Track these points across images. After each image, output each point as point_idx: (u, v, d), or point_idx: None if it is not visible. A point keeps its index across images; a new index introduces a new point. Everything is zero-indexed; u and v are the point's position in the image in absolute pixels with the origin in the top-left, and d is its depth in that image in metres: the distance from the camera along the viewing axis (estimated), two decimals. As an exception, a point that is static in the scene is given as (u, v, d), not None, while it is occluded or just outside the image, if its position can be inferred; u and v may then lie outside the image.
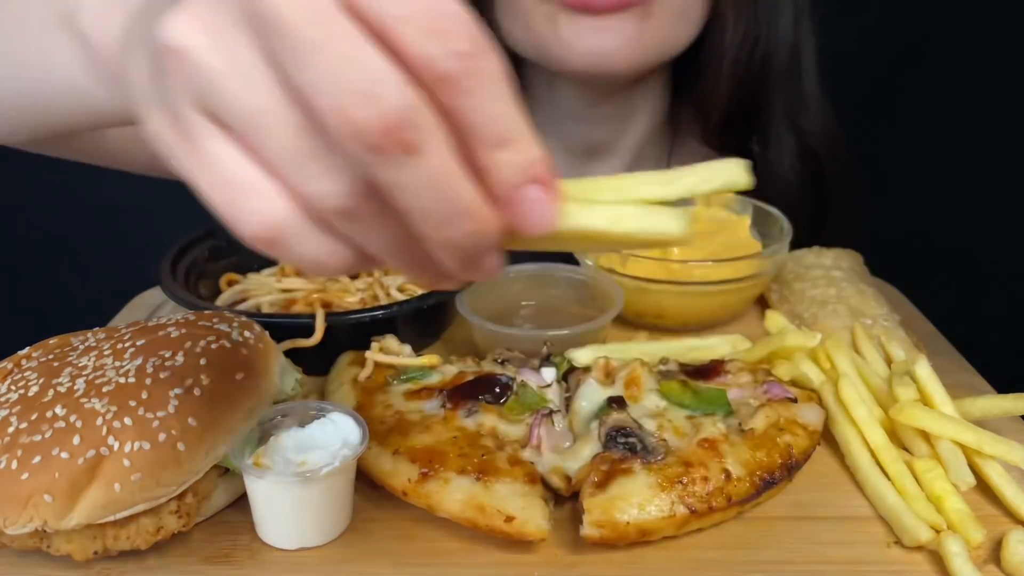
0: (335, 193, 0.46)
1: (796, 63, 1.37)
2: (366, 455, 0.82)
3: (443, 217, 0.46)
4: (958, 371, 1.05)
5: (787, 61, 1.36)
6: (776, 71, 1.36)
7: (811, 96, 1.40)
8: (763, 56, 1.34)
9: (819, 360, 0.99)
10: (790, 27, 1.34)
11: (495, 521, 0.76)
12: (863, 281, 1.20)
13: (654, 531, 0.76)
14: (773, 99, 1.39)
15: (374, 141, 0.43)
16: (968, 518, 0.78)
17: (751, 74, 1.34)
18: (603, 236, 0.54)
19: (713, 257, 1.14)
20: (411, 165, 0.44)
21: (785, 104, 1.39)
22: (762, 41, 1.33)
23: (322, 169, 0.46)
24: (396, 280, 1.13)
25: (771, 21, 1.33)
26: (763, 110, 1.40)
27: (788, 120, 1.41)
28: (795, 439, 0.84)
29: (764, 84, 1.36)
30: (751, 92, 1.37)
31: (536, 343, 0.98)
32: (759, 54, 1.34)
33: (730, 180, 0.62)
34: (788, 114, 1.40)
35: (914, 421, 0.85)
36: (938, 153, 1.95)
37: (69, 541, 0.74)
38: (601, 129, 1.43)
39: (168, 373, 0.77)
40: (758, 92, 1.37)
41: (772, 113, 1.40)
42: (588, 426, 0.85)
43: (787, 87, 1.38)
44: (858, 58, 1.82)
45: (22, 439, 0.73)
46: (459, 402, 0.87)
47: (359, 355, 0.98)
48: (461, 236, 0.47)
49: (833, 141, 1.45)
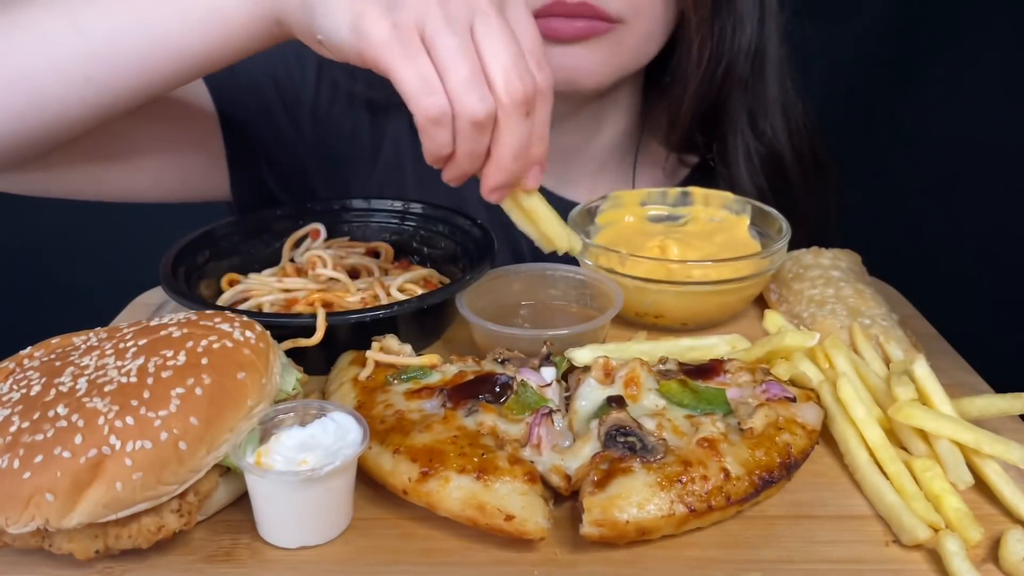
0: (479, 111, 0.86)
1: (759, 67, 1.38)
2: (366, 454, 0.83)
3: (513, 153, 0.90)
4: (956, 370, 1.06)
5: (748, 67, 1.36)
6: (736, 77, 1.36)
7: (772, 98, 1.40)
8: (726, 66, 1.35)
9: (818, 360, 0.99)
10: (753, 34, 1.34)
11: (495, 520, 0.76)
12: (861, 281, 1.20)
13: (653, 530, 0.77)
14: (732, 103, 1.39)
15: (517, 101, 0.87)
16: (966, 517, 0.78)
17: (714, 84, 1.36)
18: (535, 216, 1.02)
19: (712, 257, 1.14)
20: (521, 120, 0.88)
21: (745, 107, 1.40)
22: (725, 53, 1.34)
23: (478, 97, 0.85)
24: (396, 280, 1.13)
25: (735, 30, 1.33)
26: (722, 114, 1.41)
27: (748, 123, 1.41)
28: (794, 438, 0.84)
29: (724, 90, 1.37)
30: (712, 98, 1.38)
31: (536, 343, 0.99)
32: (723, 65, 1.34)
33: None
34: (748, 117, 1.41)
35: (912, 420, 0.85)
36: (937, 153, 1.95)
37: (71, 540, 0.74)
38: (573, 136, 1.44)
39: (170, 372, 0.77)
40: (719, 97, 1.38)
41: (730, 117, 1.41)
42: (588, 425, 0.86)
43: (747, 91, 1.39)
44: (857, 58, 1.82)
45: (24, 438, 0.73)
46: (459, 401, 0.87)
47: (360, 355, 0.98)
48: (511, 166, 0.91)
49: (801, 142, 1.44)
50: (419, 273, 1.17)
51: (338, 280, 1.13)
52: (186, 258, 1.14)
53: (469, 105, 0.85)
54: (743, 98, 1.39)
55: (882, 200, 1.95)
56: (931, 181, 1.95)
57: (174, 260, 1.12)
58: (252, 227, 1.25)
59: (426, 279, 1.17)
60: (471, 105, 0.85)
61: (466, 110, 0.86)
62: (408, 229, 1.28)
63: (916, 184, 1.95)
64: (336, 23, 0.87)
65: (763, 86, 1.39)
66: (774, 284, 1.21)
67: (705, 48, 1.31)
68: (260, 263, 1.22)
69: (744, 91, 1.38)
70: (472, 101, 0.85)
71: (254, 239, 1.24)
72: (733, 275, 1.11)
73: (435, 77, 0.85)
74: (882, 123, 1.99)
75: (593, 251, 1.15)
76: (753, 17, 1.34)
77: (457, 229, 1.24)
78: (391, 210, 1.29)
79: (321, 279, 1.14)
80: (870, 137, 1.72)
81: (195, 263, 1.16)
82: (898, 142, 1.96)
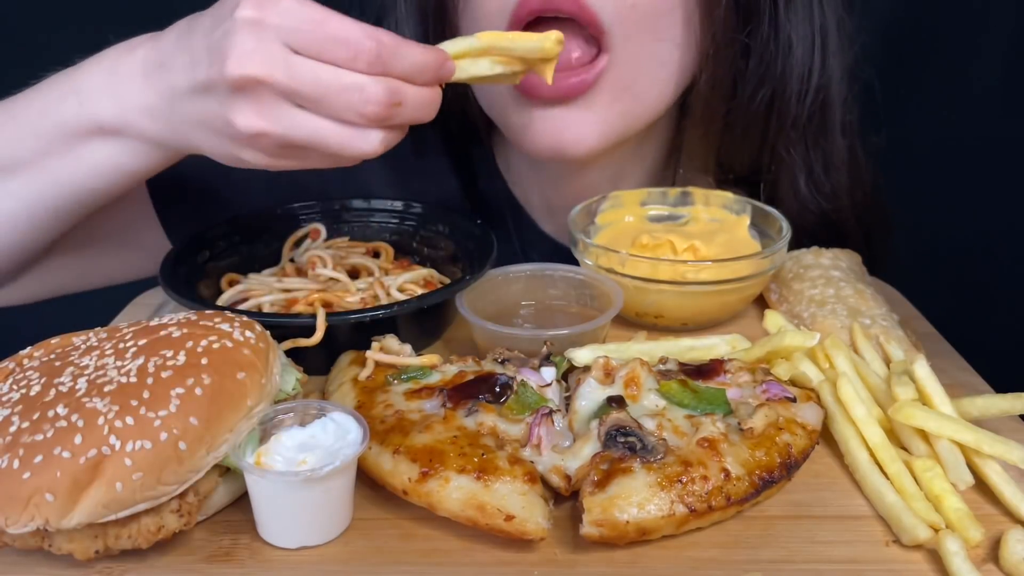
0: (371, 110, 0.86)
1: (820, 112, 1.22)
2: (366, 454, 0.83)
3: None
4: (956, 370, 1.06)
5: (802, 107, 1.20)
6: (786, 117, 1.21)
7: (836, 152, 1.25)
8: (768, 101, 1.18)
9: (818, 360, 0.99)
10: (807, 68, 1.18)
11: (495, 520, 0.76)
12: (861, 281, 1.20)
13: (653, 530, 0.77)
14: (781, 146, 1.24)
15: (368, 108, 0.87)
16: (967, 517, 0.78)
17: (754, 122, 1.21)
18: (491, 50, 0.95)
19: (712, 257, 1.14)
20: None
21: (801, 155, 1.25)
22: (768, 82, 1.18)
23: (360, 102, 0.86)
24: (396, 280, 1.13)
25: (780, 57, 1.16)
26: (773, 157, 1.26)
27: (805, 174, 1.27)
28: (794, 438, 0.84)
29: (771, 130, 1.22)
30: (758, 139, 1.24)
31: (536, 343, 0.99)
32: (761, 99, 1.18)
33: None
34: (805, 167, 1.26)
35: (913, 420, 0.85)
36: (937, 153, 1.95)
37: (71, 540, 0.74)
38: (595, 178, 1.33)
39: (170, 372, 0.77)
40: (765, 139, 1.23)
41: (782, 161, 1.26)
42: (588, 425, 0.85)
43: (804, 136, 1.24)
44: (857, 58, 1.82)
45: (24, 438, 0.73)
46: (459, 402, 0.87)
47: (359, 355, 0.98)
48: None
49: (866, 206, 1.31)
50: (419, 273, 1.17)
51: (338, 280, 1.13)
52: (186, 258, 1.14)
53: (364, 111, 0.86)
54: (800, 145, 1.24)
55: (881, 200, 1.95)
56: (931, 181, 1.95)
57: (174, 260, 1.12)
58: (252, 227, 1.25)
59: (426, 279, 1.17)
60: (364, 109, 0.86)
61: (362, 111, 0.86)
62: (408, 229, 1.28)
63: (916, 184, 1.94)
64: (215, 152, 0.94)
65: (825, 136, 1.25)
66: (774, 284, 1.21)
67: (724, 80, 1.16)
68: (260, 263, 1.22)
69: (800, 135, 1.23)
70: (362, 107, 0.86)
71: (254, 239, 1.24)
72: (733, 275, 1.11)
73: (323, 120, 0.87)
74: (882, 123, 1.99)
75: (593, 251, 1.15)
76: (806, 45, 1.17)
77: (457, 229, 1.23)
78: (391, 210, 1.29)
79: (321, 279, 1.14)
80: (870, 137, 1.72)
81: (195, 263, 1.16)
82: (898, 142, 1.96)
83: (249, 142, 0.89)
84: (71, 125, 1.01)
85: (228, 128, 0.89)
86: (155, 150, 1.00)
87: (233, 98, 0.87)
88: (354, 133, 0.88)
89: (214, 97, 0.89)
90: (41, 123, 1.03)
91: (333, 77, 0.85)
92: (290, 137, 0.88)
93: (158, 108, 0.95)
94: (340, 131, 0.87)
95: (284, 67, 0.85)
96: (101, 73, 1.00)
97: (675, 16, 1.13)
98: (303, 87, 0.85)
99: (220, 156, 0.95)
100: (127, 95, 0.97)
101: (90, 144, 1.01)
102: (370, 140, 0.88)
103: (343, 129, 0.87)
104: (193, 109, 0.92)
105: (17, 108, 1.06)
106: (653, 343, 1.03)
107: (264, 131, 0.87)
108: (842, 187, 1.30)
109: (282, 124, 0.87)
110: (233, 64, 0.85)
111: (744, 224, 1.24)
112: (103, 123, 0.99)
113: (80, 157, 1.02)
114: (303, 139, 0.88)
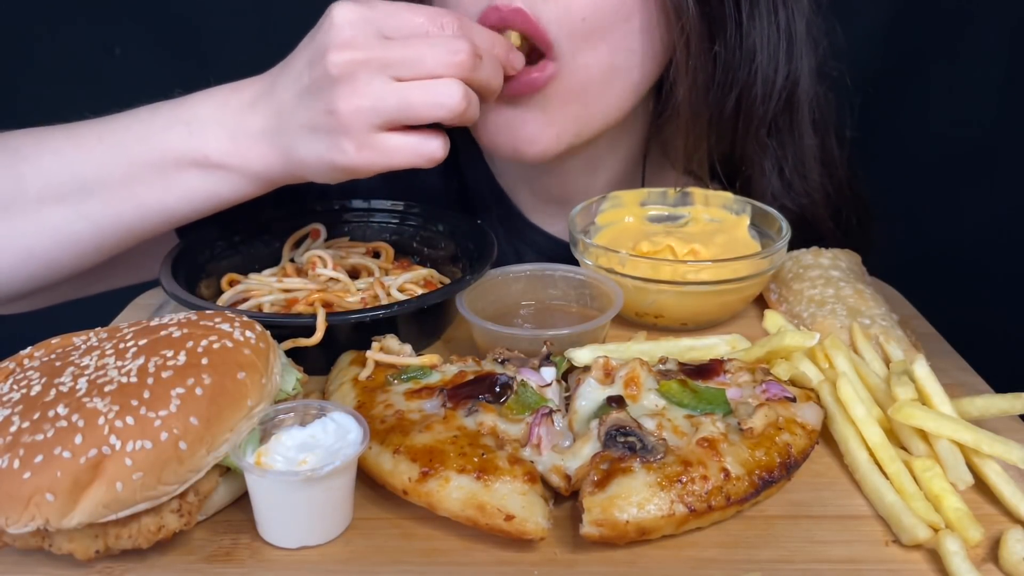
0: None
1: (788, 111, 1.23)
2: (367, 454, 0.83)
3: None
4: (956, 370, 1.06)
5: (769, 108, 1.22)
6: (754, 118, 1.22)
7: (807, 150, 1.27)
8: (736, 103, 1.20)
9: (817, 360, 0.99)
10: (772, 69, 1.19)
11: (495, 520, 0.76)
12: (861, 281, 1.20)
13: (653, 530, 0.77)
14: (752, 147, 1.26)
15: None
16: (966, 517, 0.78)
17: (722, 122, 1.22)
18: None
19: (712, 257, 1.14)
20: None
21: (772, 155, 1.27)
22: (734, 86, 1.19)
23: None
24: (396, 280, 1.13)
25: (747, 60, 1.18)
26: (744, 157, 1.27)
27: (776, 174, 1.28)
28: (794, 438, 0.84)
29: (740, 131, 1.23)
30: (729, 138, 1.25)
31: (536, 343, 0.99)
32: (730, 101, 1.20)
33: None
34: (776, 167, 1.28)
35: (912, 420, 0.85)
36: (937, 153, 1.95)
37: (71, 540, 0.74)
38: (568, 181, 1.35)
39: (170, 372, 0.77)
40: (735, 138, 1.25)
41: (753, 161, 1.28)
42: (588, 425, 0.86)
43: (773, 137, 1.25)
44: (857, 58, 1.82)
45: (24, 438, 0.73)
46: (459, 401, 0.87)
47: (360, 355, 0.98)
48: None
49: (842, 202, 1.33)
50: (419, 273, 1.17)
51: (338, 280, 1.13)
52: (186, 258, 1.14)
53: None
54: (770, 144, 1.25)
55: (882, 200, 1.95)
56: (931, 181, 1.95)
57: (174, 260, 1.12)
58: (252, 227, 1.25)
59: (426, 279, 1.17)
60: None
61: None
62: (408, 229, 1.28)
63: (916, 184, 1.95)
64: (320, 159, 1.00)
65: (793, 135, 1.26)
66: (774, 284, 1.21)
67: (695, 86, 1.16)
68: (260, 263, 1.22)
69: (769, 135, 1.24)
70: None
71: (254, 239, 1.24)
72: (733, 275, 1.11)
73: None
74: (881, 123, 1.99)
75: (593, 251, 1.15)
76: (771, 49, 1.18)
77: (457, 229, 1.24)
78: (391, 210, 1.29)
79: (321, 279, 1.14)
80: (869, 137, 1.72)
81: (195, 263, 1.16)
82: (898, 142, 1.96)
83: (349, 123, 0.95)
84: (174, 153, 1.04)
85: (331, 119, 0.96)
86: (252, 182, 1.06)
87: (334, 87, 0.95)
88: (439, 86, 0.95)
89: (319, 96, 0.96)
90: (137, 149, 1.05)
91: (424, 40, 0.97)
92: (380, 107, 0.95)
93: (269, 128, 1.02)
94: (425, 88, 0.95)
95: (379, 43, 0.95)
96: (212, 105, 1.05)
97: (632, 25, 1.14)
98: (396, 53, 0.95)
99: (321, 164, 1.00)
100: (239, 123, 1.03)
101: (187, 173, 1.04)
102: (454, 89, 0.95)
103: (427, 86, 0.95)
104: (301, 116, 0.99)
105: (107, 132, 1.07)
106: (653, 343, 1.03)
107: (360, 107, 0.95)
108: (815, 184, 1.32)
109: (374, 94, 0.95)
110: (334, 54, 0.95)
111: (744, 224, 1.24)
112: (209, 154, 1.03)
113: (174, 184, 1.05)
114: (393, 106, 0.95)
